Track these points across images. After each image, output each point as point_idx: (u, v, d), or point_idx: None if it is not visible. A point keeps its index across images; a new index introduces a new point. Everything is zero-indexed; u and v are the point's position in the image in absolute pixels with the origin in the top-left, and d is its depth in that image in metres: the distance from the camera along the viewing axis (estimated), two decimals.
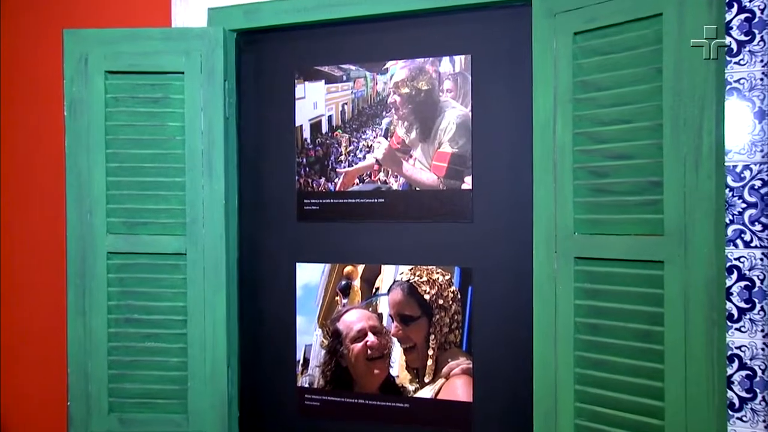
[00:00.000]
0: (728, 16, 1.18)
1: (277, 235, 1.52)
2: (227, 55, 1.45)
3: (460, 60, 1.38)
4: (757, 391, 1.17)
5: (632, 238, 1.09)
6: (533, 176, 1.21)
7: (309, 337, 1.49)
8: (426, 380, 1.39)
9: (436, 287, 1.39)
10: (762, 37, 1.16)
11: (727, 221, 1.18)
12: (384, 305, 1.43)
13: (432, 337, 1.39)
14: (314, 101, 1.49)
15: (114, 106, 1.41)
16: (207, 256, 1.41)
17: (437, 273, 1.40)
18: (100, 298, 1.40)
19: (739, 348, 1.18)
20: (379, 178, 1.45)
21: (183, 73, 1.41)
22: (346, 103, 1.47)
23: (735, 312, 1.19)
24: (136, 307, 1.42)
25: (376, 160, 1.45)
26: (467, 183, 1.37)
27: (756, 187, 1.17)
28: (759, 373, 1.17)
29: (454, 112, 1.38)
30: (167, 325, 1.42)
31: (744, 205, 1.18)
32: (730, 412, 1.18)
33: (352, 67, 1.47)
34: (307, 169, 1.50)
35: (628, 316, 1.10)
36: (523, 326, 1.31)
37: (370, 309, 1.45)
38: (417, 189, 1.41)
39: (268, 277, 1.54)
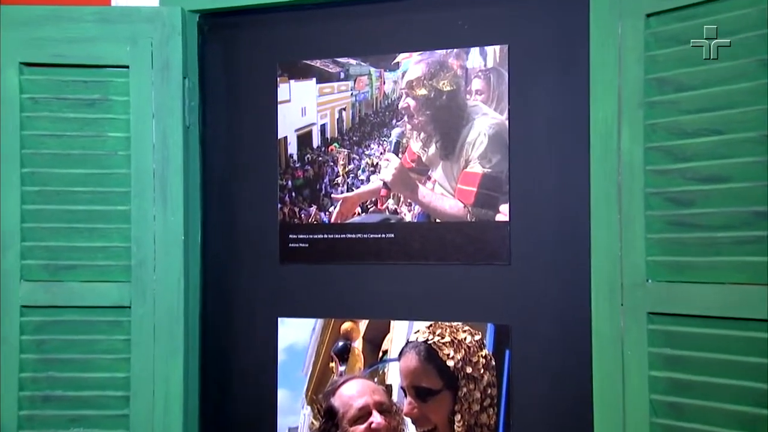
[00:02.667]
0: None
1: (254, 281, 1.52)
2: (187, 44, 1.45)
3: (493, 52, 1.38)
4: None
5: (728, 287, 1.07)
6: (590, 205, 1.20)
7: (294, 418, 1.48)
8: None
9: (463, 350, 1.38)
10: None
11: None
12: (394, 374, 1.43)
13: (458, 417, 1.37)
14: (302, 106, 1.49)
15: (33, 111, 1.40)
16: (159, 309, 1.40)
17: (464, 332, 1.39)
18: (9, 368, 1.37)
19: None
20: (387, 207, 1.45)
21: (128, 67, 1.41)
22: (344, 109, 1.48)
23: None
24: (59, 381, 1.39)
25: (384, 183, 1.45)
26: (503, 213, 1.37)
27: None
28: None
29: (486, 120, 1.38)
30: (102, 404, 1.39)
31: None
32: None
33: (353, 62, 1.48)
34: (294, 194, 1.50)
35: (724, 394, 1.07)
36: (579, 403, 1.29)
37: (376, 379, 1.45)
38: (437, 221, 1.41)
39: (240, 337, 1.53)
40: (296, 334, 1.49)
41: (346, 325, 1.46)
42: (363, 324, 1.46)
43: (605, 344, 1.17)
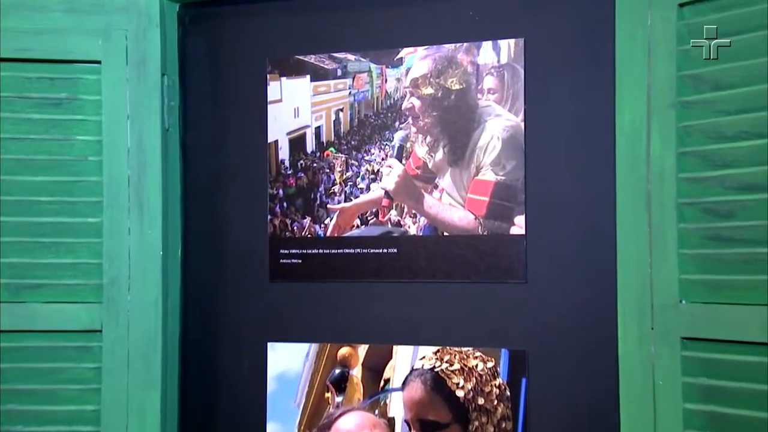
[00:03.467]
0: None
1: (240, 301, 1.52)
2: (166, 37, 1.45)
3: (508, 46, 1.38)
4: None
5: None
6: (616, 217, 1.20)
7: None
8: None
9: (474, 379, 1.37)
10: None
11: None
12: (397, 406, 1.42)
13: None
14: (295, 106, 1.49)
15: None
16: (134, 334, 1.39)
17: (475, 358, 1.38)
18: None
19: None
20: (389, 219, 1.44)
21: (99, 62, 1.40)
22: (341, 109, 1.48)
23: None
24: (20, 415, 1.37)
25: (386, 192, 1.45)
26: (518, 226, 1.36)
27: None
28: None
29: (499, 122, 1.37)
30: None
31: None
32: None
33: (351, 57, 1.47)
34: (285, 204, 1.50)
35: None
36: None
37: (377, 411, 1.44)
38: (444, 234, 1.41)
39: (225, 364, 1.52)
40: (288, 361, 1.49)
41: (344, 351, 1.46)
42: (362, 349, 1.45)
43: (633, 373, 1.17)
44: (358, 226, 1.46)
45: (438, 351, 1.40)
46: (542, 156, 1.36)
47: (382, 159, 1.45)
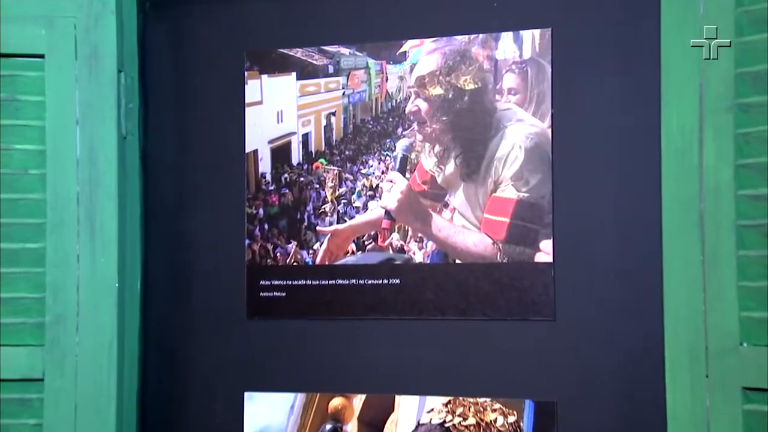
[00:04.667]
0: None
1: (212, 343, 1.51)
2: (124, 26, 1.45)
3: (532, 38, 1.38)
4: None
5: None
6: (662, 242, 1.20)
7: None
8: None
9: None
10: None
11: None
12: None
13: None
14: (278, 109, 1.49)
15: None
16: (83, 383, 1.38)
17: (494, 411, 1.38)
18: None
19: None
20: (390, 244, 1.44)
21: (43, 56, 1.40)
22: (333, 113, 1.48)
23: None
24: None
25: (386, 212, 1.44)
26: (545, 252, 1.36)
27: None
28: None
29: (522, 128, 1.37)
30: None
31: None
32: None
33: (345, 51, 1.48)
34: (266, 226, 1.49)
35: None
36: None
37: None
38: (456, 262, 1.40)
39: (194, 419, 1.52)
40: (269, 414, 1.48)
41: (336, 402, 1.45)
42: (358, 400, 1.45)
43: (685, 430, 1.16)
44: (353, 253, 1.46)
45: (449, 403, 1.40)
46: (573, 169, 1.36)
47: (382, 172, 1.46)
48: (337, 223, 1.47)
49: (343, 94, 1.48)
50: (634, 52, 1.33)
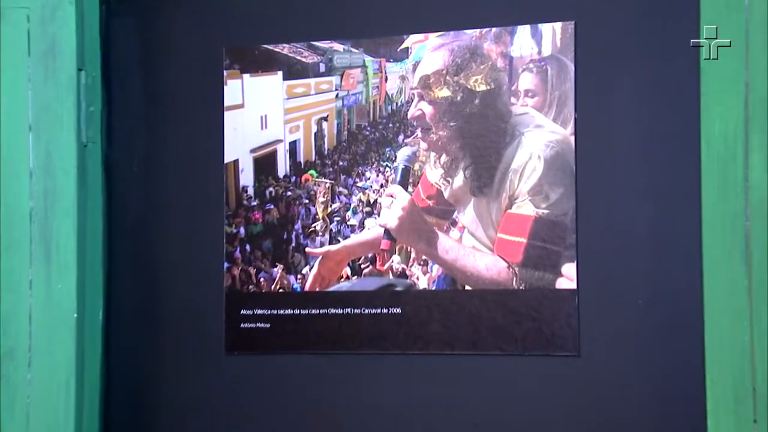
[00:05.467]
0: None
1: (185, 381, 1.51)
2: (85, 19, 1.46)
3: (552, 33, 1.37)
4: None
5: None
6: (702, 265, 1.19)
7: None
8: None
9: None
10: None
11: None
12: None
13: None
14: (262, 113, 1.50)
15: None
16: (36, 426, 1.38)
17: None
18: None
19: None
20: (391, 267, 1.44)
21: None
22: (325, 118, 1.48)
23: None
24: None
25: (386, 231, 1.43)
26: (567, 277, 1.35)
27: None
28: None
29: (541, 135, 1.36)
30: None
31: None
32: None
33: (339, 47, 1.48)
34: (249, 247, 1.50)
35: None
36: None
37: None
38: (466, 288, 1.40)
39: None
40: None
41: None
42: None
43: None
44: (347, 278, 1.46)
45: None
46: (600, 182, 1.35)
47: (381, 186, 1.45)
48: (330, 243, 1.46)
49: (337, 96, 1.48)
50: (669, 48, 1.32)
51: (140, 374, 1.53)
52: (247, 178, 1.50)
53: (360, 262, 1.45)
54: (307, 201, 1.48)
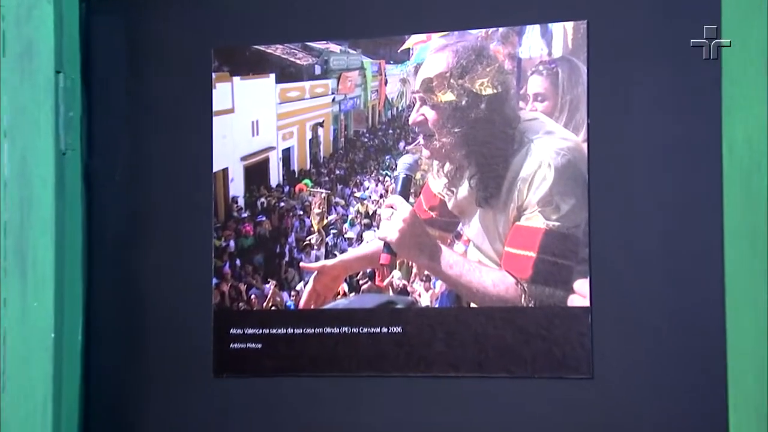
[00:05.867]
0: None
1: (171, 405, 1.51)
2: (63, 18, 1.46)
3: (563, 33, 1.36)
4: None
5: None
6: (725, 282, 1.18)
7: None
8: None
9: None
10: None
11: None
12: None
13: None
14: (254, 119, 1.49)
15: None
16: None
17: None
18: None
19: None
20: (391, 283, 1.43)
21: None
22: (321, 124, 1.48)
23: None
24: None
25: (386, 245, 1.42)
26: (580, 294, 1.33)
27: None
28: None
29: (551, 142, 1.35)
30: None
31: None
32: None
33: (335, 48, 1.48)
34: (239, 262, 1.49)
35: None
36: None
37: None
38: (472, 306, 1.39)
39: None
40: None
41: None
42: None
43: None
44: (345, 294, 1.45)
45: None
46: (614, 192, 1.34)
47: (381, 196, 1.45)
48: (326, 258, 1.46)
49: (333, 100, 1.47)
50: (689, 49, 1.28)
51: (121, 398, 1.53)
52: (237, 187, 1.49)
53: (358, 277, 1.44)
54: (301, 212, 1.47)
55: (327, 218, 1.46)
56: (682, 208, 1.31)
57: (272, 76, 1.48)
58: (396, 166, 1.43)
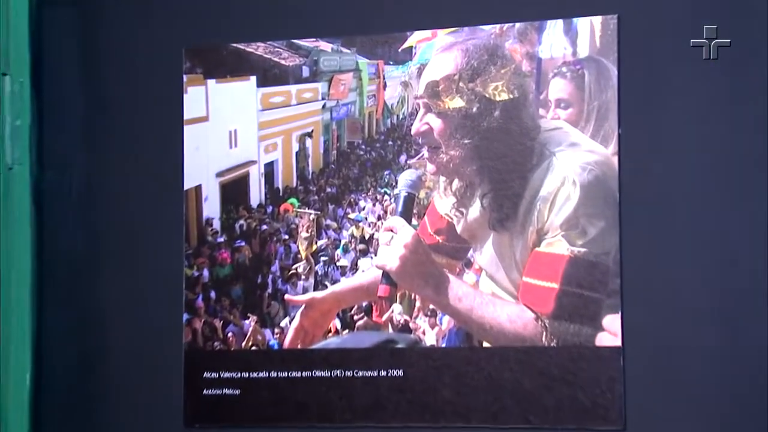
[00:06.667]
0: None
1: None
2: (10, 13, 1.48)
3: (589, 29, 1.35)
4: None
5: None
6: None
7: None
8: None
9: None
10: None
11: None
12: None
13: None
14: (231, 128, 1.49)
15: None
16: None
17: None
18: None
19: None
20: (391, 318, 1.42)
21: None
22: (310, 134, 1.49)
23: None
24: None
25: (384, 274, 1.40)
26: (610, 332, 1.31)
27: None
28: None
29: (576, 155, 1.34)
30: None
31: None
32: None
33: (327, 47, 1.49)
34: (214, 294, 1.49)
35: None
36: None
37: None
38: (485, 346, 1.38)
39: None
40: None
41: None
42: None
43: None
44: (337, 332, 1.45)
45: None
46: (649, 213, 1.33)
47: (379, 218, 1.45)
48: (315, 289, 1.46)
49: (324, 107, 1.48)
50: (734, 48, 1.29)
51: None
52: (212, 208, 1.50)
53: (352, 312, 1.44)
54: (286, 237, 1.48)
55: (316, 243, 1.46)
56: (728, 232, 1.30)
57: (253, 78, 1.49)
58: (396, 183, 1.42)
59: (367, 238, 1.44)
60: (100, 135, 1.54)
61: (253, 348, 1.46)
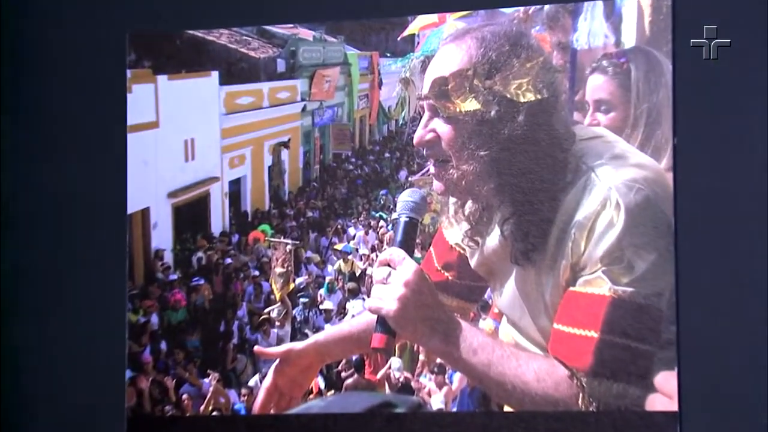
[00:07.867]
0: None
1: None
2: None
3: (636, 11, 1.37)
4: None
5: None
6: None
7: None
8: None
9: None
10: None
11: None
12: None
13: None
14: (187, 137, 1.45)
15: None
16: None
17: None
18: None
19: None
20: (388, 376, 1.38)
21: None
22: (285, 143, 1.44)
23: None
24: None
25: (380, 320, 1.33)
26: (664, 393, 1.35)
27: None
28: None
29: (620, 171, 1.32)
30: None
31: None
32: None
33: (307, 34, 1.44)
34: (165, 345, 1.43)
35: None
36: None
37: None
38: (505, 410, 1.37)
39: None
40: None
41: None
42: None
43: None
44: (320, 393, 1.40)
45: None
46: (712, 244, 1.34)
47: (373, 249, 1.39)
48: (292, 339, 1.39)
49: (304, 109, 1.44)
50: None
51: None
52: (162, 236, 1.44)
53: (339, 368, 1.39)
54: (257, 273, 1.42)
55: (294, 281, 1.41)
56: None
57: (215, 74, 1.44)
58: (395, 205, 1.34)
59: (357, 274, 1.39)
60: (20, 146, 1.52)
61: (215, 413, 1.39)
